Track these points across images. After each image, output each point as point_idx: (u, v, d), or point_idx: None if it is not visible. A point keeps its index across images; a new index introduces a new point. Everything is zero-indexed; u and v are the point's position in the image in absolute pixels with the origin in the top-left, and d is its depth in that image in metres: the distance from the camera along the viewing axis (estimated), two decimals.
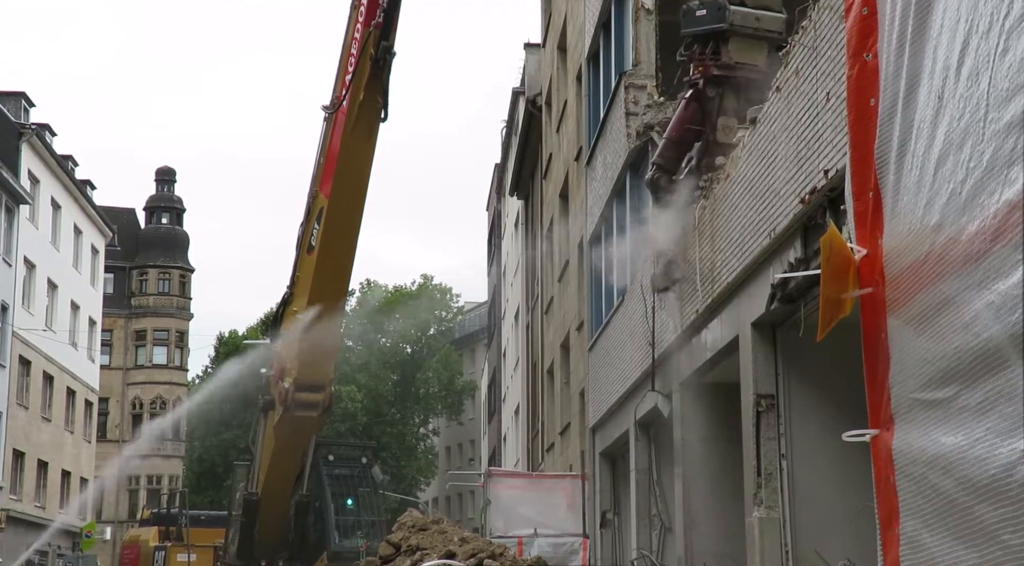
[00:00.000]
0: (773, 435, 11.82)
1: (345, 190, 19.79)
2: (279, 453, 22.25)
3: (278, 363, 21.40)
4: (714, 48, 13.60)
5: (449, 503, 79.45)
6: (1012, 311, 4.12)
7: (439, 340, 75.88)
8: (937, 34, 4.88)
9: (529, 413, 37.96)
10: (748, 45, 13.59)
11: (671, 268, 14.91)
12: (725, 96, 13.60)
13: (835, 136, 9.56)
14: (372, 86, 18.96)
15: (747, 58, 13.58)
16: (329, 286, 20.48)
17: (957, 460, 4.59)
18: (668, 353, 15.83)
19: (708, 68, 13.58)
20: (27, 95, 53.29)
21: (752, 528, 11.83)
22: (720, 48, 13.57)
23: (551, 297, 31.64)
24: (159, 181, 73.82)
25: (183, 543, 29.56)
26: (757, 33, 13.57)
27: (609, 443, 21.27)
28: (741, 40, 13.58)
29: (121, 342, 69.97)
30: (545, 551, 19.77)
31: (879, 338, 5.45)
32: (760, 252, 11.75)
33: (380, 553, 14.61)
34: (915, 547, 5.05)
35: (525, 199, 39.94)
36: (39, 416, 50.46)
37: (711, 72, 13.57)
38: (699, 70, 13.67)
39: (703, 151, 13.89)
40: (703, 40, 13.70)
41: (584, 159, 23.80)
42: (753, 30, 13.55)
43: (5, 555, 43.71)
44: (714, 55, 13.58)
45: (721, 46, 13.56)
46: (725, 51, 13.53)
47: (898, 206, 5.27)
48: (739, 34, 13.55)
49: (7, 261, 46.03)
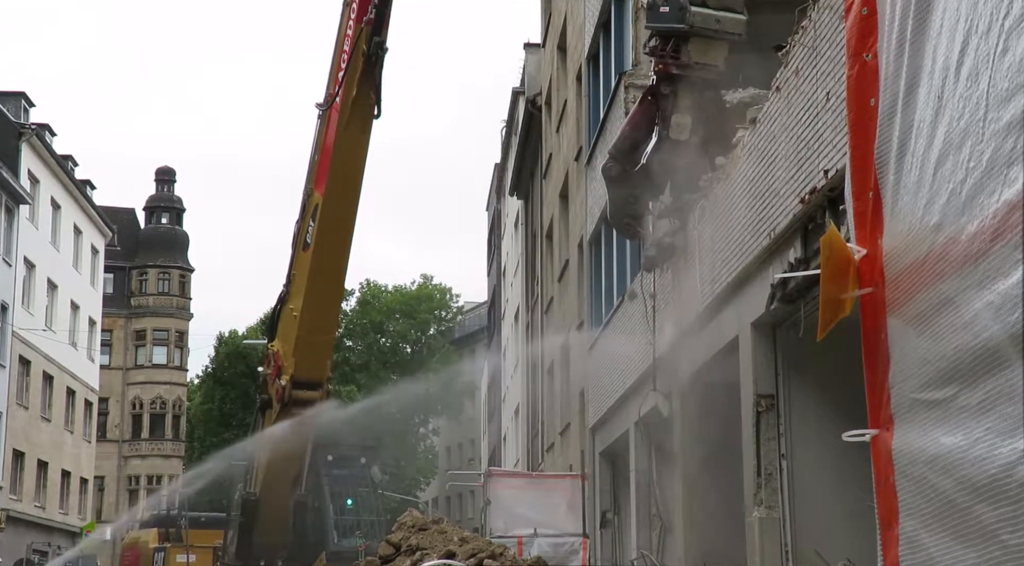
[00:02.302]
0: (773, 435, 11.82)
1: (339, 186, 19.85)
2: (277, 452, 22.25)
3: (275, 361, 21.41)
4: (675, 46, 13.68)
5: (449, 503, 79.44)
6: (1012, 311, 4.12)
7: (439, 340, 75.88)
8: (937, 34, 4.88)
9: (529, 413, 37.96)
10: (708, 45, 13.67)
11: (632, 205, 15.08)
12: (679, 94, 13.70)
13: (835, 136, 9.55)
14: (365, 82, 19.05)
15: (706, 58, 13.66)
16: (325, 282, 20.52)
17: (957, 460, 4.59)
18: (668, 353, 15.83)
19: (667, 67, 13.68)
20: (27, 95, 53.33)
21: (752, 528, 11.83)
22: (680, 47, 13.64)
23: (551, 297, 31.64)
24: (159, 181, 73.84)
25: (183, 544, 29.55)
26: (716, 35, 13.64)
27: (609, 443, 21.26)
28: (701, 41, 13.65)
29: (121, 342, 69.97)
30: (545, 551, 19.75)
31: (879, 338, 5.45)
32: (760, 252, 11.75)
33: (380, 553, 14.61)
34: (914, 547, 5.05)
35: (525, 199, 39.93)
36: (39, 416, 50.46)
37: (670, 71, 13.66)
38: (659, 67, 13.76)
39: (656, 147, 14.02)
40: (664, 38, 13.78)
41: (584, 159, 23.81)
42: (713, 32, 13.62)
43: (5, 555, 43.70)
44: (674, 54, 13.65)
45: (681, 45, 13.64)
46: (685, 50, 13.61)
47: (898, 206, 5.27)
48: (699, 35, 13.62)
49: (7, 261, 46.04)
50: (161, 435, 70.09)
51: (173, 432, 70.67)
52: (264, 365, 22.40)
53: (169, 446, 70.19)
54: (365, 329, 73.08)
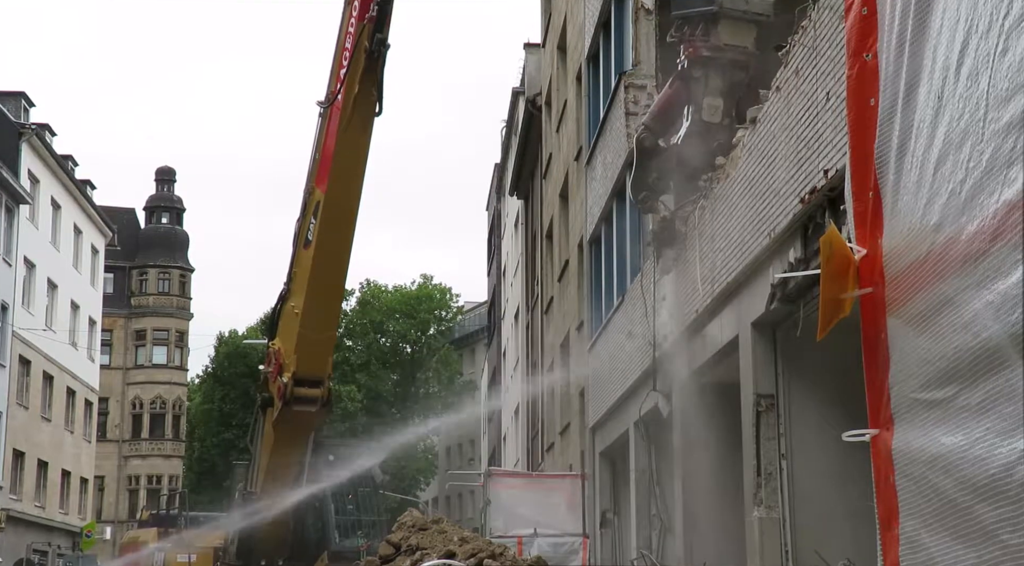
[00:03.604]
0: (773, 435, 11.83)
1: (341, 184, 19.87)
2: (278, 450, 22.24)
3: (276, 359, 21.41)
4: (704, 30, 13.69)
5: (449, 503, 79.44)
6: (1012, 311, 4.12)
7: (439, 340, 75.88)
8: (937, 34, 4.88)
9: (529, 413, 37.96)
10: (737, 27, 13.68)
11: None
12: (710, 76, 13.69)
13: (835, 136, 9.56)
14: (367, 79, 19.08)
15: (736, 40, 13.66)
16: (326, 280, 20.53)
17: (957, 460, 4.59)
18: (668, 353, 15.84)
19: (698, 49, 13.68)
20: (27, 95, 53.32)
21: (752, 528, 11.84)
22: (710, 30, 13.65)
23: (551, 297, 31.64)
24: (159, 181, 73.84)
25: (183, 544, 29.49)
26: (746, 16, 13.63)
27: (609, 443, 21.27)
28: (731, 22, 13.65)
29: (121, 342, 69.97)
30: (545, 551, 19.74)
31: (879, 338, 5.45)
32: (760, 252, 11.75)
33: (380, 553, 14.60)
34: (914, 547, 5.05)
35: (525, 199, 39.94)
36: (39, 416, 50.45)
37: (701, 53, 13.66)
38: (689, 51, 13.76)
39: (689, 130, 14.03)
40: (693, 22, 13.78)
41: (584, 159, 23.81)
42: (742, 12, 13.61)
43: (5, 555, 43.70)
44: (704, 37, 13.66)
45: (711, 28, 13.65)
46: (715, 33, 13.62)
47: (898, 206, 5.27)
48: (729, 16, 13.61)
49: (7, 261, 46.03)
50: (161, 435, 70.09)
51: (173, 432, 70.66)
52: (265, 363, 22.39)
53: (169, 446, 70.18)
54: (365, 329, 73.09)
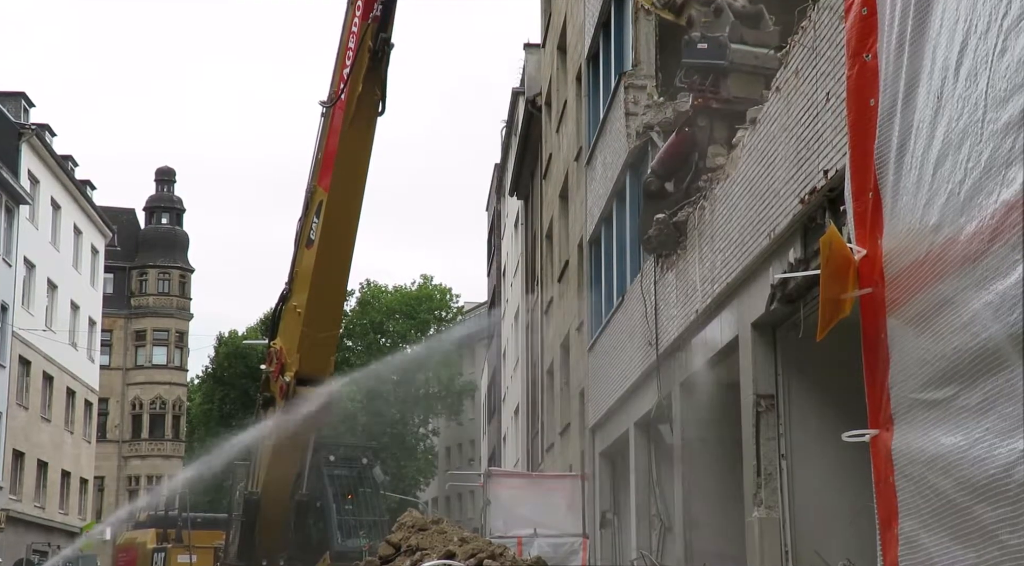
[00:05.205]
0: (773, 435, 11.83)
1: (344, 183, 19.87)
2: (280, 450, 22.23)
3: (278, 358, 21.41)
4: (713, 80, 13.98)
5: (449, 503, 79.44)
6: (1011, 311, 4.12)
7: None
8: (936, 34, 4.88)
9: (529, 413, 37.96)
10: (746, 80, 13.98)
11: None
12: (715, 126, 14.01)
13: (835, 136, 9.56)
14: (370, 78, 19.10)
15: (745, 92, 13.99)
16: (329, 279, 20.53)
17: (956, 460, 4.60)
18: (668, 353, 15.84)
19: (708, 101, 14.00)
20: (27, 95, 53.32)
21: (752, 528, 11.84)
22: (719, 81, 13.96)
23: (551, 297, 31.64)
24: (159, 181, 73.83)
25: (184, 544, 29.47)
26: (755, 71, 13.91)
27: (609, 443, 21.27)
28: (740, 76, 13.95)
29: (121, 342, 69.97)
30: (545, 551, 19.74)
31: (879, 338, 5.45)
32: (760, 252, 11.76)
33: (380, 553, 14.58)
34: (914, 547, 5.06)
35: (525, 199, 39.93)
36: (39, 416, 50.45)
37: (711, 105, 13.99)
38: (698, 101, 14.07)
39: (693, 177, 14.36)
40: (703, 72, 14.06)
41: (584, 159, 23.81)
42: (752, 67, 13.88)
43: (5, 555, 43.70)
44: (713, 88, 13.96)
45: (720, 80, 13.96)
46: (724, 86, 13.96)
47: (897, 206, 5.27)
48: (739, 71, 13.93)
49: (7, 261, 46.03)
50: (161, 435, 70.09)
51: (173, 432, 70.66)
52: (266, 363, 22.39)
53: (169, 446, 70.18)
54: (365, 329, 73.05)
